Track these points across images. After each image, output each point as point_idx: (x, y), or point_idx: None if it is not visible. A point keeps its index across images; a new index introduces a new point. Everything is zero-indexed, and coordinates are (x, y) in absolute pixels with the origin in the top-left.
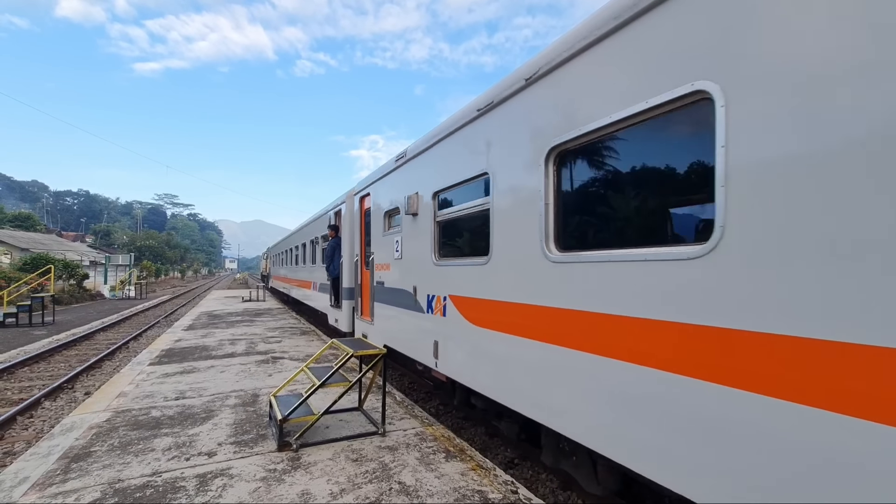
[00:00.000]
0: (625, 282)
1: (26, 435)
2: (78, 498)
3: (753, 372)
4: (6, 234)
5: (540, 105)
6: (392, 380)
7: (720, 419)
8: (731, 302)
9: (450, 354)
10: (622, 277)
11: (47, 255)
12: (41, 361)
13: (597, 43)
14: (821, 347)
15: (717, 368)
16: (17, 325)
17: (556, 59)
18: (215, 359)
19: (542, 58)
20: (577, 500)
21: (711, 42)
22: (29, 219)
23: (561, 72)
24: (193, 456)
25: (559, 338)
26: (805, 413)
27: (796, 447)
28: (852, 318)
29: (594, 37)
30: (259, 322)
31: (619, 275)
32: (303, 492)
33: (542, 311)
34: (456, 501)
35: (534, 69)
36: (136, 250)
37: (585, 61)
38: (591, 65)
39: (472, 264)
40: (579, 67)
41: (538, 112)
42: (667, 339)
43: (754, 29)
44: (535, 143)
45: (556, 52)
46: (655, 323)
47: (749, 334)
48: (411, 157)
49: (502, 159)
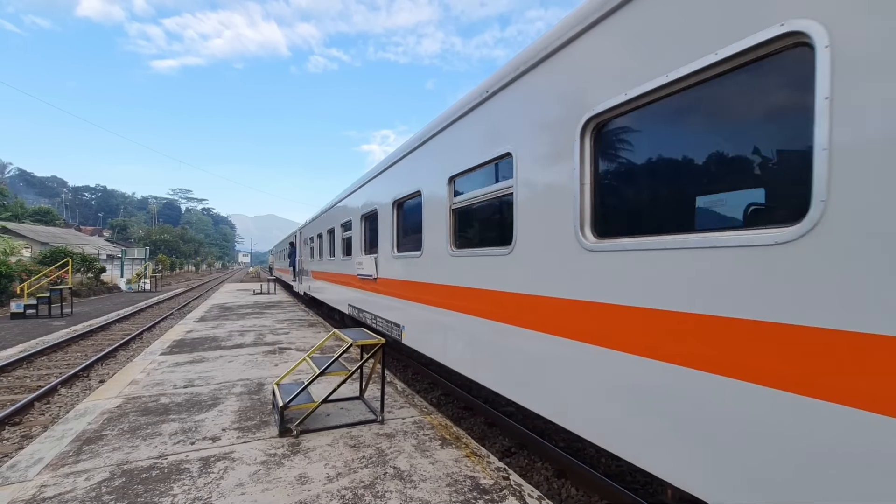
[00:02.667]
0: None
1: (43, 420)
2: (88, 478)
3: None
4: (27, 229)
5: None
6: (396, 370)
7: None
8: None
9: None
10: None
11: (66, 249)
12: (59, 351)
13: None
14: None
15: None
16: (37, 316)
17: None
18: (224, 349)
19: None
20: (570, 487)
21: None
22: (49, 213)
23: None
24: (198, 440)
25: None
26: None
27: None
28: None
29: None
30: (269, 314)
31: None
32: (300, 475)
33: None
34: (447, 486)
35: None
36: (151, 244)
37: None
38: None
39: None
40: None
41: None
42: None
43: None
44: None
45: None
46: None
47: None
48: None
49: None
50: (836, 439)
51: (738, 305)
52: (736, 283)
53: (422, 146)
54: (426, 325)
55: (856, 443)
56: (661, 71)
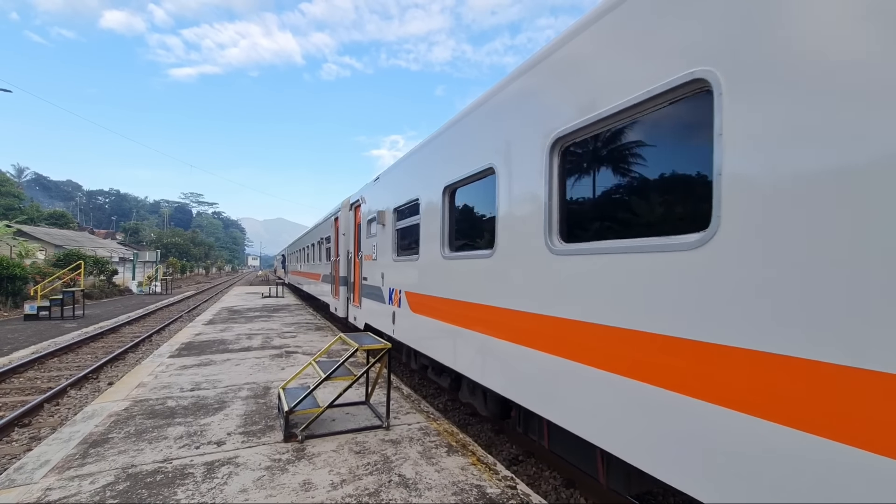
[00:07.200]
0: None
1: (52, 421)
2: (93, 481)
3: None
4: (42, 232)
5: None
6: (403, 376)
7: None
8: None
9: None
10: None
11: (79, 252)
12: (70, 353)
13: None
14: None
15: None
16: (49, 317)
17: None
18: (231, 352)
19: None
20: (579, 497)
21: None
22: (63, 217)
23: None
24: (203, 444)
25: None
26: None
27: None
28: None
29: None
30: (276, 318)
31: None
32: (304, 481)
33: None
34: (453, 495)
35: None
36: (162, 247)
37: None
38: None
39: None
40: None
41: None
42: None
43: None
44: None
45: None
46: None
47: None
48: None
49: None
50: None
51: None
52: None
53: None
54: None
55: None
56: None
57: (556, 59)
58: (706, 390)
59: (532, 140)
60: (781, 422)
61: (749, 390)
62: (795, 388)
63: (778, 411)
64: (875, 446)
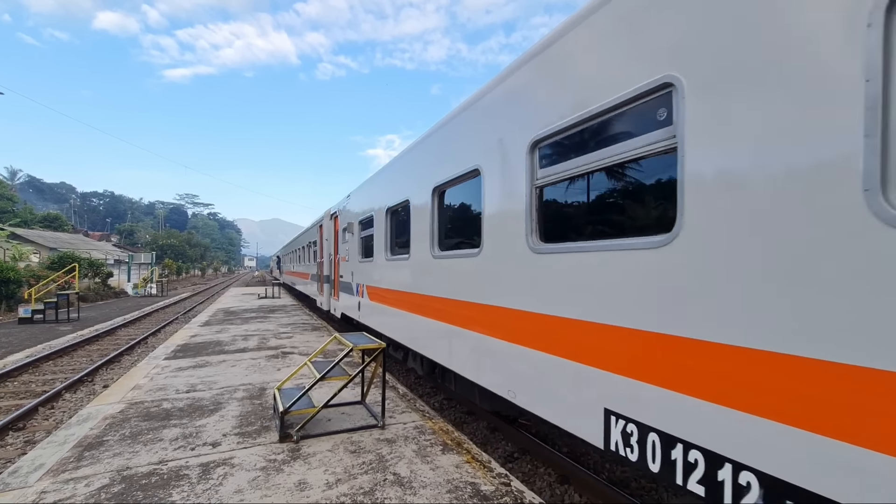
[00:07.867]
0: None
1: (47, 425)
2: (88, 484)
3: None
4: (35, 234)
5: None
6: (399, 375)
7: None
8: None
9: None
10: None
11: (74, 254)
12: (65, 356)
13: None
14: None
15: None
16: (44, 321)
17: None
18: (227, 353)
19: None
20: (573, 493)
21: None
22: (57, 219)
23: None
24: (199, 446)
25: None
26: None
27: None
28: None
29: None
30: (272, 318)
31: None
32: (299, 481)
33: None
34: (447, 493)
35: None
36: (158, 249)
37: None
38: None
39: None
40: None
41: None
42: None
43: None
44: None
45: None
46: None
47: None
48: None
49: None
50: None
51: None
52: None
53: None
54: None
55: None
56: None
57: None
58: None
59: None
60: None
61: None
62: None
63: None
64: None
